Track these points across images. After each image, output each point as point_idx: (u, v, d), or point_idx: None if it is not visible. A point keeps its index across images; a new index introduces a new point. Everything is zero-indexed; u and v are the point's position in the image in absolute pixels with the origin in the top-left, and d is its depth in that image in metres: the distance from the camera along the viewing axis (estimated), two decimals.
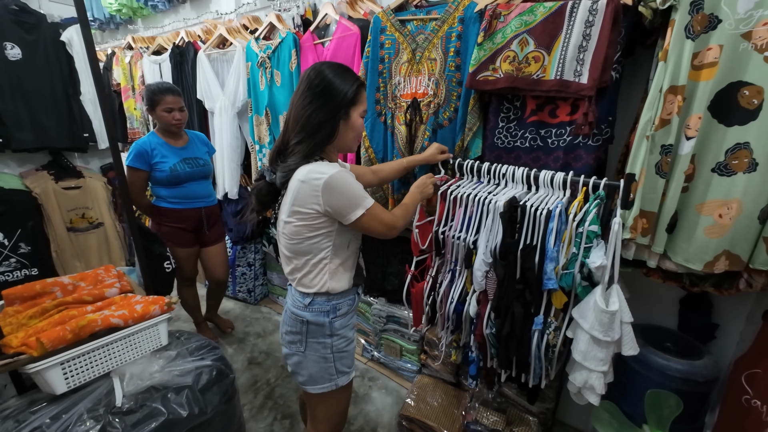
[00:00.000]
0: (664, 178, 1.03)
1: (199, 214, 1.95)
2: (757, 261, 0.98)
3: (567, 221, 1.07)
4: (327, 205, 0.92)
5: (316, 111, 0.94)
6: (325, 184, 0.90)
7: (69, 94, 2.43)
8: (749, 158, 0.93)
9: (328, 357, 1.06)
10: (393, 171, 1.37)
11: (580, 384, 1.10)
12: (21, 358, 0.97)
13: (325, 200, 0.91)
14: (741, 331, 1.25)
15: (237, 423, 1.27)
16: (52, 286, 1.21)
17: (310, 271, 1.02)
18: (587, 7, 1.08)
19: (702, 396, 1.19)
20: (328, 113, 0.95)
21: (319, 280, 1.02)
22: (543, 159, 1.28)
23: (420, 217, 1.37)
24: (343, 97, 0.95)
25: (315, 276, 1.02)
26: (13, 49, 2.15)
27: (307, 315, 1.03)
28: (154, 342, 1.20)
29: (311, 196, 0.92)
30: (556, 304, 1.12)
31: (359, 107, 1.00)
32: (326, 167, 0.92)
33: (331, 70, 0.96)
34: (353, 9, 1.78)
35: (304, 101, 0.95)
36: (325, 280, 1.02)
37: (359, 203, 0.94)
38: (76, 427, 0.93)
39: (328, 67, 0.97)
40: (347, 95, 0.95)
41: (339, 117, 0.96)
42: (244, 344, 2.29)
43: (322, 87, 0.94)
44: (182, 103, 1.80)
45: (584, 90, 1.12)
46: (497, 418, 1.49)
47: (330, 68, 0.97)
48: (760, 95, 0.90)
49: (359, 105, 0.99)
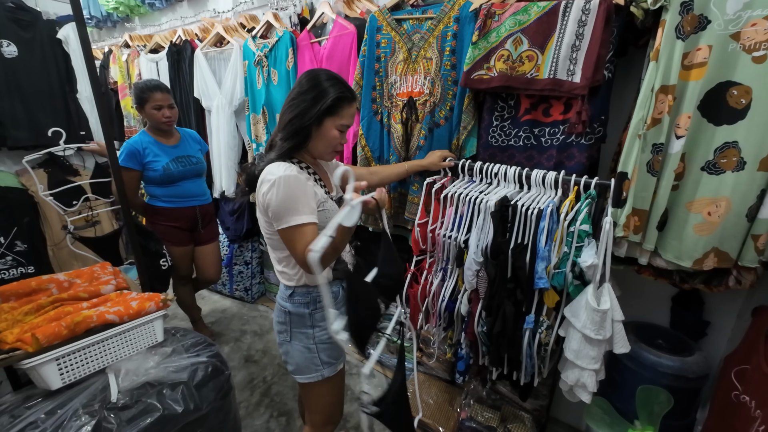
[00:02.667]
0: (655, 176, 1.04)
1: (194, 212, 1.94)
2: (746, 258, 0.99)
3: (558, 220, 1.08)
4: (265, 203, 0.93)
5: (296, 116, 0.96)
6: (271, 185, 0.90)
7: (65, 92, 2.42)
8: (737, 157, 0.95)
9: (311, 347, 1.08)
10: (392, 174, 1.38)
11: (572, 382, 1.11)
12: (16, 353, 0.97)
13: (267, 199, 0.92)
14: (732, 328, 1.27)
15: (232, 420, 1.28)
16: (47, 283, 1.21)
17: (287, 264, 1.05)
18: (580, 7, 1.09)
19: (693, 392, 1.20)
20: (305, 119, 0.96)
21: (295, 274, 1.05)
22: (536, 158, 1.29)
23: (421, 215, 1.38)
24: (321, 105, 0.95)
25: (291, 269, 1.05)
26: (9, 46, 2.14)
27: (289, 306, 1.07)
28: (150, 338, 1.20)
29: (260, 194, 0.94)
30: (548, 303, 1.13)
31: (337, 119, 0.98)
32: (283, 169, 0.91)
33: (323, 77, 0.97)
34: (350, 8, 1.79)
35: (290, 102, 0.98)
36: (301, 273, 1.04)
37: (289, 216, 0.90)
38: (71, 422, 0.94)
39: (323, 74, 0.98)
40: (325, 103, 0.95)
41: (312, 123, 0.96)
42: (240, 342, 2.30)
43: (305, 90, 0.96)
44: (171, 100, 1.78)
45: (577, 89, 1.13)
46: (492, 415, 1.50)
47: (323, 75, 0.97)
48: (748, 95, 0.92)
49: (337, 117, 0.97)
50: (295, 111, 0.96)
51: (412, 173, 1.42)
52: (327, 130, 0.98)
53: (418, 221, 1.37)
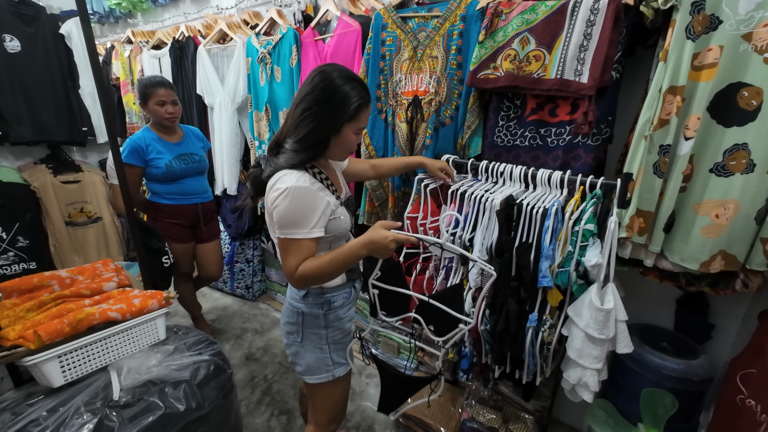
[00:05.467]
0: (661, 178, 1.03)
1: (195, 210, 1.94)
2: (754, 261, 0.98)
3: (563, 220, 1.08)
4: (272, 210, 0.91)
5: (315, 128, 0.91)
6: (280, 193, 0.88)
7: (68, 88, 2.42)
8: (747, 159, 0.94)
9: (324, 348, 1.07)
10: (393, 168, 1.36)
11: (574, 381, 1.11)
12: (18, 350, 0.97)
13: (274, 206, 0.90)
14: (737, 331, 1.26)
15: (234, 418, 1.28)
16: (49, 280, 1.20)
17: None
18: (589, 6, 1.08)
19: (697, 395, 1.20)
20: (325, 132, 0.92)
21: None
22: (542, 158, 1.29)
23: (413, 209, 1.37)
24: (343, 116, 0.91)
25: None
26: (12, 41, 2.13)
27: (302, 306, 1.05)
28: (152, 336, 1.20)
29: (269, 200, 0.91)
30: (552, 301, 1.13)
31: (355, 124, 0.94)
32: (295, 179, 0.89)
33: (338, 81, 0.90)
34: (354, 5, 1.77)
35: (305, 109, 0.91)
36: None
37: (290, 228, 0.89)
38: (73, 420, 0.93)
39: (336, 75, 0.90)
40: (347, 113, 0.90)
41: (332, 134, 0.93)
42: (241, 340, 2.30)
43: (322, 99, 0.90)
44: (175, 96, 1.77)
45: (584, 89, 1.12)
46: (493, 416, 1.50)
47: (337, 78, 0.90)
48: (759, 96, 0.91)
49: (355, 122, 0.94)
50: (313, 123, 0.90)
51: (411, 168, 1.38)
52: (346, 137, 0.94)
53: (408, 214, 1.37)
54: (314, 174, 0.95)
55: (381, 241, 0.86)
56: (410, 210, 1.40)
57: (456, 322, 0.93)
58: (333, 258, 0.89)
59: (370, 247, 0.88)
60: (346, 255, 0.89)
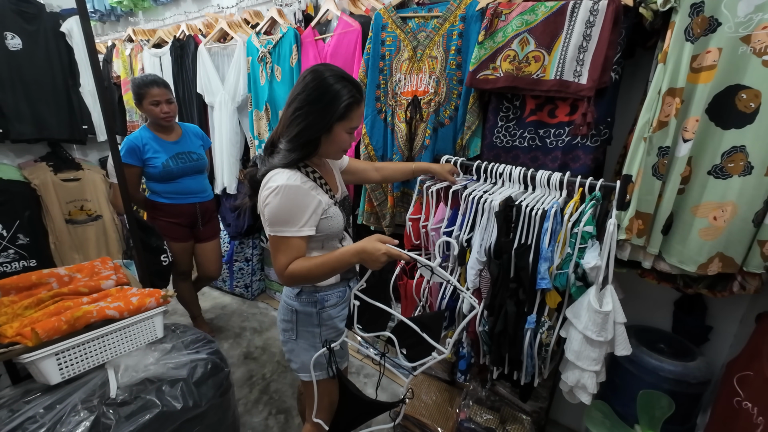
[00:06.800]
0: (660, 179, 1.03)
1: (193, 209, 1.93)
2: (751, 264, 0.98)
3: (562, 221, 1.08)
4: (263, 208, 0.92)
5: (305, 129, 0.91)
6: (271, 191, 0.89)
7: (68, 86, 2.42)
8: (745, 161, 0.94)
9: (318, 346, 1.07)
10: (398, 173, 1.34)
11: (572, 383, 1.11)
12: (16, 348, 0.97)
13: (265, 204, 0.91)
14: (734, 333, 1.26)
15: (231, 417, 1.28)
16: (48, 277, 1.21)
17: None
18: (588, 8, 1.08)
19: (694, 397, 1.20)
20: (315, 130, 0.92)
21: None
22: (541, 159, 1.29)
23: (415, 211, 1.37)
24: (332, 115, 0.90)
25: None
26: (13, 39, 2.13)
27: (296, 304, 1.05)
28: (150, 334, 1.20)
29: (261, 198, 0.92)
30: (550, 303, 1.13)
31: (347, 123, 0.93)
32: (286, 177, 0.89)
33: (330, 79, 0.90)
34: (355, 5, 1.78)
35: (296, 108, 0.91)
36: None
37: (281, 225, 0.90)
38: (70, 417, 0.94)
39: (328, 74, 0.90)
40: (336, 113, 0.90)
41: (322, 133, 0.93)
42: (240, 339, 2.30)
43: (313, 99, 0.90)
44: (170, 95, 1.75)
45: (583, 90, 1.12)
46: (491, 417, 1.50)
47: (329, 77, 0.90)
48: (757, 99, 0.90)
49: (347, 121, 0.93)
50: (304, 123, 0.91)
51: (418, 175, 1.37)
52: (337, 136, 0.94)
53: (410, 216, 1.36)
54: (307, 173, 0.95)
55: (373, 253, 0.87)
56: (412, 211, 1.40)
57: (430, 349, 0.92)
58: (323, 262, 0.91)
59: (361, 255, 0.89)
60: (337, 260, 0.91)
